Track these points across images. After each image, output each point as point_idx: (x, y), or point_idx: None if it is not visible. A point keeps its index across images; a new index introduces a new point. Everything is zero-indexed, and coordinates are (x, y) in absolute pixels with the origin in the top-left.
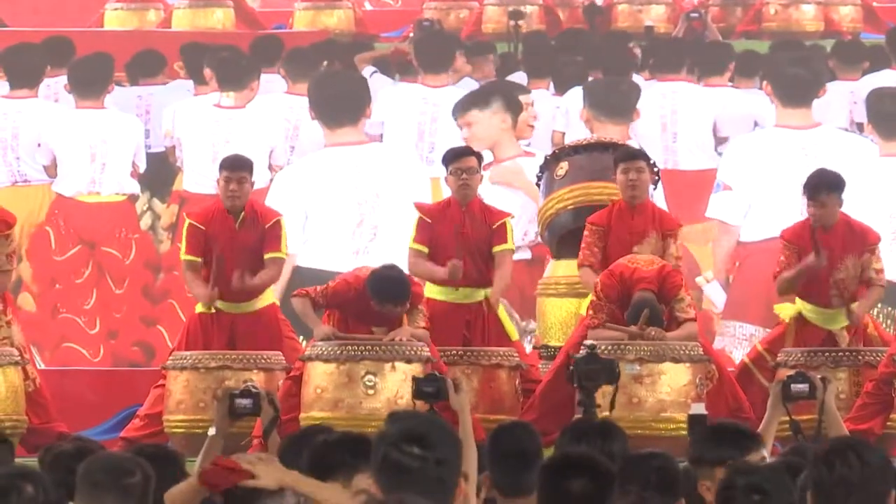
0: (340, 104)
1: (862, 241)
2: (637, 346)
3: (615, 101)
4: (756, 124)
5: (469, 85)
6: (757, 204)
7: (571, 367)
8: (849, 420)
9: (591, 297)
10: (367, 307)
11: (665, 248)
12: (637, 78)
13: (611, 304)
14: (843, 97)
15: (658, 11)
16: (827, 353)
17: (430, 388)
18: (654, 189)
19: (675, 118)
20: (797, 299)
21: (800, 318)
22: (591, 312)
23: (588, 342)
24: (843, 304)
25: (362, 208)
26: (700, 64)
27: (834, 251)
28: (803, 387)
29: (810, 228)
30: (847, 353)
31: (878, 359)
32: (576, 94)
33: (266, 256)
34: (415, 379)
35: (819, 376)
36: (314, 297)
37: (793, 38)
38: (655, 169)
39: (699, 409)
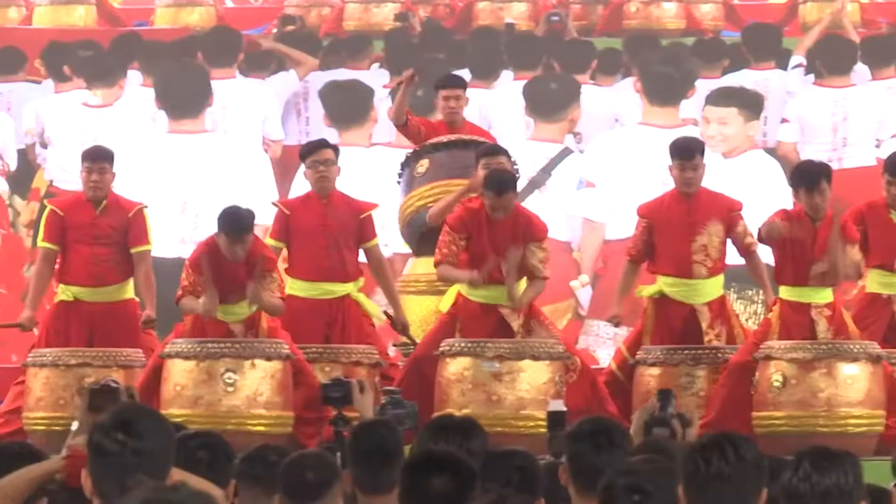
0: (184, 96)
1: (725, 206)
2: (496, 344)
3: (550, 100)
4: (617, 121)
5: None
6: (620, 202)
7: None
8: (707, 426)
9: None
10: (222, 264)
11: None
12: (507, 75)
13: (461, 239)
14: (704, 95)
15: (519, 9)
16: (686, 351)
17: (336, 392)
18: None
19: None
20: (658, 276)
21: (660, 299)
22: (438, 250)
23: (391, 388)
24: (708, 275)
25: (186, 195)
26: (561, 61)
27: (696, 217)
28: (664, 431)
29: (668, 202)
30: (707, 351)
31: None
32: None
33: (134, 251)
34: (322, 385)
35: (680, 414)
36: (188, 285)
37: (654, 35)
38: (515, 167)
39: (558, 405)
